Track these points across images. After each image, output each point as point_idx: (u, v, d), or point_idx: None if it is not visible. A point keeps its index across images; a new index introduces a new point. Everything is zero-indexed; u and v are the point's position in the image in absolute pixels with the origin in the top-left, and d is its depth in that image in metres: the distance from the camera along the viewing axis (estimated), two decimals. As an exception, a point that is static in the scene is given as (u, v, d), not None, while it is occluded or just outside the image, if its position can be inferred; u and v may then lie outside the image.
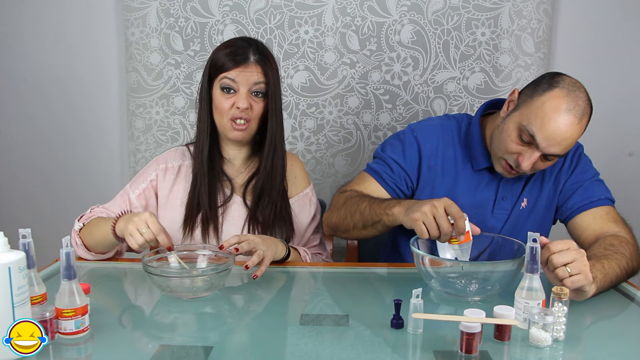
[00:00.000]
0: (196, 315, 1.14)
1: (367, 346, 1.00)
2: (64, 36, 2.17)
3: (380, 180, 1.48)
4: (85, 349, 0.99)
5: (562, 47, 2.14)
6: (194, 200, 1.46)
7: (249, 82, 1.40)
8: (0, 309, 0.91)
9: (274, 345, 1.02)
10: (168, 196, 1.50)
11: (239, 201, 1.49)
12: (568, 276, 1.07)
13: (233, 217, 1.48)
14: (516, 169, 1.36)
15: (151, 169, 1.53)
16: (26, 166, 2.29)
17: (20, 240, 1.01)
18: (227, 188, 1.50)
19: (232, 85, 1.41)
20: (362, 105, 2.13)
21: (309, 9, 2.06)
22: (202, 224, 1.45)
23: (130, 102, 2.14)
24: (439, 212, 1.19)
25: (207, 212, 1.45)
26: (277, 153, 1.48)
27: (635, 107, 2.20)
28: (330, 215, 1.48)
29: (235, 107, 1.41)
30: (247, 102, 1.40)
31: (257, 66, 1.41)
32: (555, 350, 0.99)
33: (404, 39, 2.08)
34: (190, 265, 1.30)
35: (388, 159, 1.48)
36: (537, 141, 1.29)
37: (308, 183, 1.61)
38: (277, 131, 1.47)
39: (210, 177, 1.47)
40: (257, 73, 1.41)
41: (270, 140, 1.46)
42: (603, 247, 1.28)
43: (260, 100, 1.43)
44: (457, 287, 1.20)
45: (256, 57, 1.42)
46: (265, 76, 1.41)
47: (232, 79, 1.40)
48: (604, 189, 1.46)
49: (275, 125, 1.46)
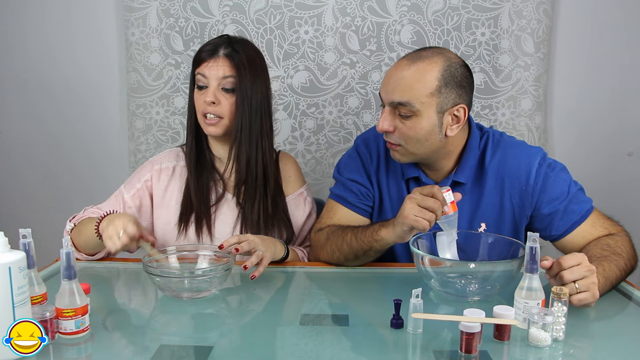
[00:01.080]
0: (196, 315, 1.14)
1: (367, 346, 1.00)
2: (64, 36, 2.17)
3: (348, 205, 1.47)
4: (86, 349, 0.99)
5: (562, 47, 2.14)
6: (187, 199, 1.47)
7: (217, 76, 1.40)
8: (1, 309, 0.91)
9: (274, 345, 1.02)
10: (163, 197, 1.51)
11: (230, 199, 1.50)
12: (576, 293, 1.07)
13: (225, 216, 1.49)
14: (387, 140, 1.34)
15: (146, 169, 1.54)
16: (26, 166, 2.29)
17: (20, 240, 1.02)
18: (219, 187, 1.51)
19: (204, 81, 1.42)
20: (362, 106, 2.13)
21: (309, 9, 2.06)
22: (195, 222, 1.46)
23: (130, 102, 2.14)
24: (418, 199, 1.19)
25: (199, 210, 1.46)
26: (243, 149, 1.44)
27: (635, 107, 2.20)
28: (316, 255, 1.45)
29: (204, 101, 1.41)
30: (213, 96, 1.40)
31: (226, 60, 1.40)
32: (554, 350, 0.99)
33: (404, 39, 2.08)
34: (190, 265, 1.30)
35: (346, 182, 1.48)
36: (382, 96, 1.30)
37: (303, 182, 1.61)
38: (243, 126, 1.42)
39: (200, 176, 1.48)
40: (225, 67, 1.40)
41: (235, 135, 1.43)
42: (600, 247, 1.27)
43: (230, 96, 1.42)
44: (456, 287, 1.20)
45: (227, 51, 1.41)
46: (234, 70, 1.40)
47: (202, 75, 1.42)
48: (581, 200, 1.36)
49: (242, 119, 1.42)
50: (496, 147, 1.40)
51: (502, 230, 1.39)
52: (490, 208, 1.39)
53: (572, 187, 1.37)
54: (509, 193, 1.38)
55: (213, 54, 1.41)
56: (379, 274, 1.41)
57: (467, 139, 1.40)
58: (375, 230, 1.31)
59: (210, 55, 1.41)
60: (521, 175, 1.37)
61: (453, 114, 1.30)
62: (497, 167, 1.39)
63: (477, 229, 1.38)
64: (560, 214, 1.35)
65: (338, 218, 1.47)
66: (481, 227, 1.39)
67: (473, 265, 1.22)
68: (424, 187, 1.21)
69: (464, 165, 1.38)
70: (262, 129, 1.46)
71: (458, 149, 1.39)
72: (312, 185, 2.13)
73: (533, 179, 1.36)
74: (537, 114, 2.13)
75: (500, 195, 1.39)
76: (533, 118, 2.13)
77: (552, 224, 1.36)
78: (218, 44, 1.43)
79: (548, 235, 1.39)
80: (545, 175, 1.36)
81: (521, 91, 2.11)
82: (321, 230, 1.45)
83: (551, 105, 2.19)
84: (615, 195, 1.51)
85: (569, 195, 1.35)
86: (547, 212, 1.36)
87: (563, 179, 1.37)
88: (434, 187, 1.19)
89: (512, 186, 1.38)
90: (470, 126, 1.41)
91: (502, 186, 1.38)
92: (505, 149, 1.40)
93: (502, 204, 1.39)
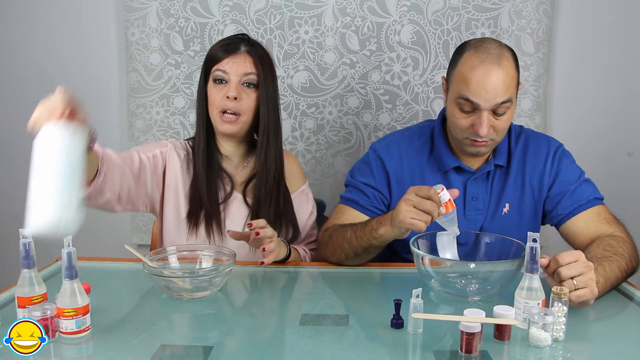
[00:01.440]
0: (196, 315, 1.14)
1: (367, 346, 1.00)
2: (64, 36, 2.17)
3: (359, 208, 1.48)
4: (87, 349, 0.99)
5: (561, 47, 2.14)
6: (196, 196, 1.45)
7: (239, 72, 1.40)
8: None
9: (274, 345, 1.03)
10: (175, 181, 1.47)
11: (239, 198, 1.49)
12: (574, 289, 1.07)
13: (234, 214, 1.48)
14: (480, 140, 1.37)
15: (162, 143, 1.50)
16: (26, 166, 2.28)
17: (20, 240, 1.02)
18: (227, 185, 1.49)
19: (223, 77, 1.41)
20: (362, 106, 2.13)
21: (309, 9, 2.06)
22: (205, 220, 1.45)
23: (130, 102, 2.14)
24: (414, 201, 1.20)
25: (208, 208, 1.44)
26: (271, 145, 1.45)
27: (635, 107, 2.20)
28: (321, 254, 1.48)
29: (225, 97, 1.40)
30: (236, 91, 1.40)
31: (248, 56, 1.42)
32: (555, 350, 0.99)
33: (404, 39, 2.08)
34: (190, 265, 1.30)
35: (359, 185, 1.50)
36: (475, 102, 1.33)
37: (304, 180, 1.62)
38: (270, 122, 1.44)
39: (209, 174, 1.46)
40: (248, 63, 1.41)
41: (263, 130, 1.44)
42: (602, 247, 1.28)
43: (252, 91, 1.42)
44: (457, 287, 1.20)
45: (247, 48, 1.43)
46: (256, 67, 1.41)
47: (223, 70, 1.41)
48: (591, 189, 1.45)
49: (268, 115, 1.43)
50: (519, 135, 1.52)
51: (523, 211, 1.48)
52: (514, 190, 1.48)
53: (582, 177, 1.47)
54: (529, 176, 1.47)
55: (235, 50, 1.42)
56: (379, 274, 1.41)
57: None
58: (372, 227, 1.32)
59: (232, 51, 1.42)
60: (540, 159, 1.48)
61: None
62: (520, 152, 1.49)
63: (503, 209, 1.47)
64: (569, 194, 1.44)
65: (346, 218, 1.47)
66: (505, 207, 1.47)
67: (473, 265, 1.22)
68: (421, 188, 1.22)
69: (502, 149, 1.48)
70: (278, 126, 1.48)
71: None
72: (312, 185, 2.13)
73: (550, 162, 1.47)
74: (537, 114, 2.13)
75: (522, 178, 1.48)
76: (533, 118, 2.13)
77: (560, 204, 1.44)
78: (237, 41, 1.44)
79: (555, 216, 1.45)
80: (560, 159, 1.48)
81: (521, 91, 2.10)
82: (327, 230, 1.47)
83: (551, 105, 2.19)
84: (614, 195, 1.52)
85: (579, 181, 1.46)
86: (557, 192, 1.45)
87: (576, 168, 1.49)
88: (431, 189, 1.20)
89: (532, 170, 1.47)
90: None
91: (523, 170, 1.48)
92: (527, 136, 1.52)
93: (523, 186, 1.47)
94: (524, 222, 1.47)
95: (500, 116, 1.35)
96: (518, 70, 1.38)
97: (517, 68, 1.37)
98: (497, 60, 1.33)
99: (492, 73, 1.32)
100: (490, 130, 1.35)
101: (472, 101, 1.33)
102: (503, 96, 1.32)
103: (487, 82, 1.32)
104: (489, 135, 1.36)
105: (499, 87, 1.32)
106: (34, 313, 0.97)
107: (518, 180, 1.48)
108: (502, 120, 1.36)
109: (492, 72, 1.32)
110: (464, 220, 1.46)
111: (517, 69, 1.37)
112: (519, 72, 1.39)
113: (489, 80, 1.32)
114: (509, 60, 1.34)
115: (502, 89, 1.32)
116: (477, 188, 1.47)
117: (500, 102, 1.32)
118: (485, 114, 1.33)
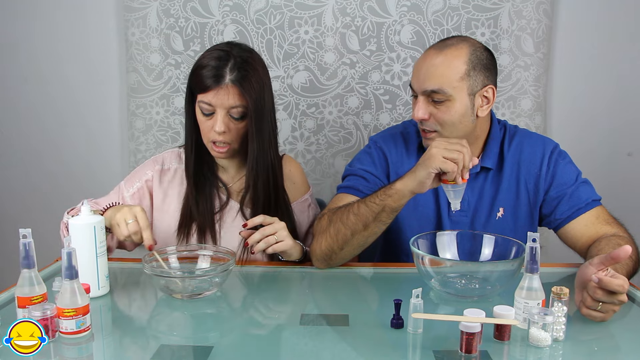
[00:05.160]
0: (196, 315, 1.14)
1: (367, 346, 1.00)
2: (64, 36, 2.17)
3: (358, 193, 1.41)
4: (87, 349, 0.99)
5: (561, 47, 2.15)
6: (187, 210, 1.44)
7: (225, 105, 1.34)
8: (87, 258, 1.16)
9: (274, 345, 1.03)
10: (164, 200, 1.49)
11: (235, 207, 1.47)
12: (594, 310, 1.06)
13: (230, 224, 1.46)
14: (423, 128, 1.38)
15: (147, 168, 1.51)
16: (26, 166, 2.29)
17: (20, 240, 1.02)
18: (222, 194, 1.48)
19: (210, 109, 1.35)
20: (362, 106, 2.13)
21: (309, 9, 2.06)
22: (197, 232, 1.43)
23: (130, 102, 2.14)
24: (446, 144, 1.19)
25: (202, 220, 1.43)
26: (260, 176, 1.41)
27: (635, 107, 2.20)
28: (318, 242, 1.35)
29: (212, 129, 1.36)
30: (223, 125, 1.34)
31: (234, 88, 1.32)
32: (554, 350, 0.99)
33: (404, 39, 2.08)
34: (191, 265, 1.30)
35: (359, 172, 1.46)
36: (414, 86, 1.34)
37: (307, 188, 1.59)
38: (259, 155, 1.38)
39: (202, 189, 1.45)
40: (232, 95, 1.33)
41: (251, 165, 1.39)
42: (612, 247, 1.25)
43: (239, 122, 1.37)
44: (457, 287, 1.20)
45: (233, 76, 1.32)
46: (242, 98, 1.33)
47: (208, 103, 1.34)
48: (588, 191, 1.41)
49: (257, 147, 1.37)
50: (513, 136, 1.48)
51: (519, 214, 1.45)
52: (508, 194, 1.44)
53: (579, 178, 1.43)
54: (524, 179, 1.44)
55: (219, 80, 1.32)
56: (379, 274, 1.41)
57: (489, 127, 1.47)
58: (387, 187, 1.26)
59: (215, 83, 1.32)
60: (536, 161, 1.44)
61: (483, 95, 1.37)
62: (514, 154, 1.45)
63: (496, 213, 1.44)
64: (566, 197, 1.40)
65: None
66: (499, 211, 1.44)
67: (473, 265, 1.22)
68: (450, 139, 1.22)
69: (489, 151, 1.44)
70: (270, 138, 1.41)
71: (484, 134, 1.45)
72: (312, 185, 2.12)
73: (546, 165, 1.43)
74: (537, 114, 2.13)
75: (516, 182, 1.45)
76: (533, 118, 2.13)
77: (557, 208, 1.41)
78: (222, 65, 1.33)
79: (553, 220, 1.43)
80: (556, 161, 1.44)
81: (521, 91, 2.11)
82: (322, 217, 1.40)
83: (551, 105, 2.19)
84: (614, 195, 1.51)
85: (577, 183, 1.42)
86: (555, 195, 1.42)
87: (573, 169, 1.45)
88: (463, 139, 1.22)
89: (527, 172, 1.44)
90: (492, 116, 1.48)
91: (518, 173, 1.44)
92: (522, 138, 1.48)
93: (518, 190, 1.45)
94: (520, 226, 1.44)
95: (438, 105, 1.33)
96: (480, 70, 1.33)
97: (478, 67, 1.33)
98: (441, 48, 1.33)
99: (429, 57, 1.34)
100: (432, 119, 1.35)
101: (414, 87, 1.35)
102: (434, 84, 1.31)
103: (421, 64, 1.35)
104: (429, 124, 1.36)
105: (429, 71, 1.32)
106: (34, 313, 0.97)
107: (512, 183, 1.44)
108: (440, 111, 1.34)
109: (428, 57, 1.34)
110: (447, 220, 1.44)
111: (474, 67, 1.32)
112: (483, 72, 1.34)
113: (422, 63, 1.34)
114: (459, 52, 1.32)
115: (435, 75, 1.31)
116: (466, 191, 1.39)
117: (429, 89, 1.32)
118: (421, 99, 1.34)
